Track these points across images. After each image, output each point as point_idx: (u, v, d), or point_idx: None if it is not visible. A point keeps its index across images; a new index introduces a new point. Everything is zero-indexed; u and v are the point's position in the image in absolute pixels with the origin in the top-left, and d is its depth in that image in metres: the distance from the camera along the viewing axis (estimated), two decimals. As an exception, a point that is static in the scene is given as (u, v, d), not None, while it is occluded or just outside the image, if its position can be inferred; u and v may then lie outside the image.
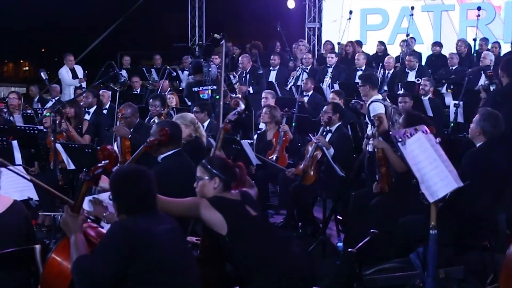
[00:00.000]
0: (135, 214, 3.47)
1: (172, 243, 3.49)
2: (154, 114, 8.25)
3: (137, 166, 3.73)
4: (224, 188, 4.22)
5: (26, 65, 44.14)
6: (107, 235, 3.40)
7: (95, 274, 3.23)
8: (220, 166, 4.26)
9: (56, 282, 3.40)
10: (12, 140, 7.17)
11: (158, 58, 14.64)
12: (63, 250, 3.46)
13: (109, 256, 3.27)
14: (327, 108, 7.44)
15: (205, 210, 4.03)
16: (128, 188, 3.51)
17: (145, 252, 3.32)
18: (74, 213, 3.50)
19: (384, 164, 6.13)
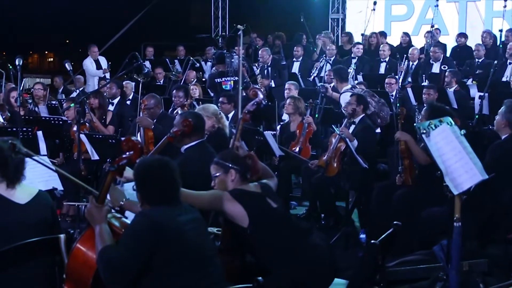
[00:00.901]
0: (158, 204, 3.48)
1: (195, 233, 3.49)
2: (177, 105, 8.27)
3: (161, 157, 3.71)
4: (242, 179, 4.23)
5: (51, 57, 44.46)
6: (132, 226, 3.41)
7: (120, 264, 3.24)
8: (232, 158, 4.29)
9: (81, 272, 3.42)
10: (37, 131, 7.23)
11: (181, 49, 14.66)
12: (88, 240, 3.48)
13: (134, 246, 3.28)
14: (351, 99, 7.41)
15: (226, 202, 4.05)
16: (152, 178, 3.51)
17: (169, 242, 3.32)
18: (98, 204, 3.51)
19: (407, 156, 6.10)
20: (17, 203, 4.01)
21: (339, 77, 8.60)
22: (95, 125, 7.93)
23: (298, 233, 4.20)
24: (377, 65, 11.82)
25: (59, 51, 37.04)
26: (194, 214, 3.62)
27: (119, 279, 3.27)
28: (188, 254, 3.39)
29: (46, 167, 4.51)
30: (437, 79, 10.10)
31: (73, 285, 3.47)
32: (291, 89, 9.23)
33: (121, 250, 3.28)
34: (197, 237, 3.49)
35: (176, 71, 13.21)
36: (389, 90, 9.57)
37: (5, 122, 7.68)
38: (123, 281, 3.28)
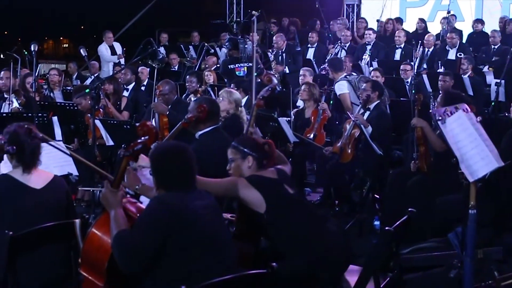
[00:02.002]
0: (174, 189, 3.47)
1: (210, 219, 3.48)
2: (190, 91, 8.29)
3: (178, 142, 3.70)
4: (259, 166, 4.22)
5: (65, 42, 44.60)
6: (147, 210, 3.40)
7: (134, 248, 3.25)
8: (250, 144, 4.27)
9: (96, 256, 3.44)
10: (52, 116, 7.26)
11: (196, 35, 14.64)
12: (103, 224, 3.49)
13: (148, 230, 3.28)
14: (366, 85, 7.38)
15: (243, 189, 4.04)
16: (169, 163, 3.51)
17: (183, 227, 3.32)
18: (114, 188, 3.52)
19: (423, 143, 6.08)
20: (33, 188, 4.04)
21: (333, 68, 8.75)
22: (109, 111, 7.95)
23: (314, 220, 4.20)
24: (393, 52, 11.76)
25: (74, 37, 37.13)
26: (209, 200, 3.61)
27: (134, 263, 3.29)
28: (203, 239, 3.38)
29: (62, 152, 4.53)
30: (453, 66, 10.03)
31: (88, 269, 3.49)
32: (306, 75, 9.21)
33: (136, 234, 3.29)
34: (212, 222, 3.48)
35: (190, 57, 13.20)
36: (404, 77, 9.52)
37: (21, 108, 7.71)
38: (137, 265, 3.29)
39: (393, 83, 9.46)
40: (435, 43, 11.69)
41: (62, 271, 4.10)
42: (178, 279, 3.14)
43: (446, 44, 11.20)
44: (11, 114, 7.34)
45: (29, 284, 3.95)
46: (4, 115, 7.33)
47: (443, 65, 10.59)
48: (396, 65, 10.39)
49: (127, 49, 13.68)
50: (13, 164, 4.09)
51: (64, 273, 4.11)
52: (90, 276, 3.48)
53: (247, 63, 9.88)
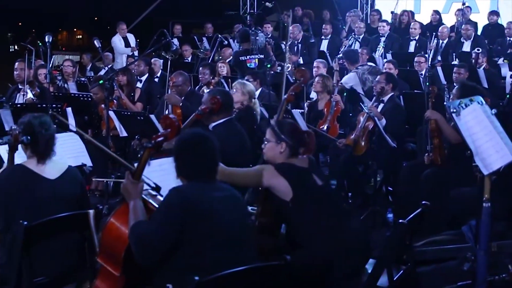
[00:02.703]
0: (195, 179, 3.44)
1: (229, 211, 3.43)
2: (203, 83, 8.29)
3: (202, 131, 3.65)
4: (291, 154, 4.19)
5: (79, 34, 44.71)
6: (164, 201, 3.38)
7: (151, 240, 3.24)
8: (288, 131, 4.22)
9: (114, 246, 3.44)
10: (66, 107, 7.29)
11: (209, 27, 14.63)
12: (122, 215, 3.48)
13: (165, 222, 3.27)
14: (380, 78, 7.35)
15: (270, 177, 4.03)
16: (192, 152, 3.46)
17: (199, 219, 3.29)
18: (134, 180, 3.49)
19: (437, 135, 6.05)
20: (47, 178, 4.06)
21: (349, 60, 8.76)
22: (123, 102, 7.97)
23: (338, 213, 4.18)
24: (407, 43, 11.70)
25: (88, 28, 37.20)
26: (230, 193, 3.56)
27: (149, 255, 3.28)
28: (219, 232, 3.34)
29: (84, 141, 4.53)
30: (468, 58, 9.97)
31: (105, 258, 3.50)
32: (320, 67, 9.19)
33: (152, 226, 3.27)
34: (230, 215, 3.43)
35: (204, 48, 13.20)
36: (418, 69, 9.47)
37: (35, 99, 7.74)
38: (153, 257, 3.28)
39: (407, 75, 9.42)
40: (449, 35, 11.62)
41: (76, 261, 4.14)
42: (191, 271, 3.13)
43: (461, 36, 11.14)
44: (25, 105, 7.38)
45: (43, 273, 3.98)
46: (18, 106, 7.36)
47: (457, 57, 10.53)
48: (410, 57, 10.34)
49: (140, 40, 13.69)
50: (28, 154, 4.11)
51: (78, 263, 4.14)
52: (107, 265, 3.49)
53: (258, 55, 9.85)
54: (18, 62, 8.06)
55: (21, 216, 3.83)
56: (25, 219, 3.77)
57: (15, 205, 3.95)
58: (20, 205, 3.95)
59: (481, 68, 9.13)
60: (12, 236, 3.89)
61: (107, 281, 3.50)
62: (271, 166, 4.12)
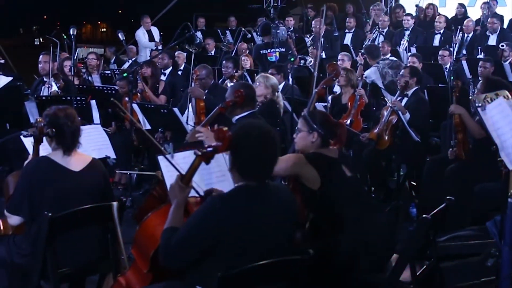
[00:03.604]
0: (249, 178, 3.24)
1: (273, 227, 3.22)
2: (226, 76, 8.29)
3: (267, 126, 3.37)
4: (322, 144, 4.15)
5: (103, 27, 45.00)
6: (200, 211, 3.20)
7: (177, 249, 3.15)
8: (321, 121, 4.17)
9: (146, 243, 3.44)
10: (90, 100, 7.34)
11: (232, 20, 14.63)
12: (162, 215, 3.44)
13: (196, 235, 3.13)
14: (404, 71, 7.31)
15: (300, 165, 4.01)
16: (253, 149, 3.21)
17: (236, 239, 3.12)
18: (183, 184, 3.37)
19: (461, 130, 6.00)
20: (72, 171, 4.09)
21: (370, 55, 8.75)
22: (146, 95, 8.00)
23: (365, 206, 4.16)
24: (431, 37, 11.61)
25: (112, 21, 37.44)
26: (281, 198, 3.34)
27: (173, 262, 3.21)
28: (254, 250, 3.16)
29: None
30: (493, 52, 9.87)
31: (137, 252, 3.52)
32: (344, 60, 9.16)
33: (182, 235, 3.15)
34: (273, 231, 3.23)
35: (227, 41, 13.20)
36: (443, 63, 9.40)
37: (60, 91, 7.81)
38: (176, 265, 3.22)
39: (431, 69, 9.35)
40: (475, 28, 11.51)
41: (99, 253, 4.17)
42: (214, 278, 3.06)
43: (487, 30, 11.02)
44: (50, 98, 7.44)
45: (67, 264, 4.01)
46: (43, 98, 7.42)
47: (483, 51, 10.43)
48: (435, 51, 10.27)
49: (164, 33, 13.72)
50: (53, 146, 4.14)
51: (101, 255, 4.17)
52: (137, 259, 3.51)
53: (279, 48, 9.83)
54: (42, 54, 8.12)
55: (45, 208, 3.87)
56: (50, 211, 3.81)
57: (40, 197, 3.98)
58: (45, 197, 3.98)
59: (507, 62, 9.03)
60: (37, 227, 3.93)
61: (136, 274, 3.53)
62: (301, 154, 4.10)
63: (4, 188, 4.47)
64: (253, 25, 14.29)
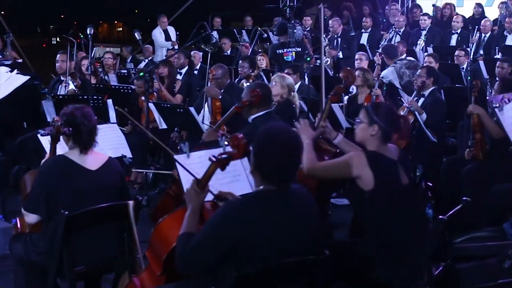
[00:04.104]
0: (271, 181, 3.17)
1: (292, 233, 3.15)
2: (242, 76, 8.29)
3: (291, 130, 3.31)
4: (384, 138, 4.03)
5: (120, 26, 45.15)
6: (217, 218, 3.13)
7: (192, 256, 3.10)
8: (383, 114, 4.05)
9: (160, 245, 3.44)
10: (107, 99, 7.38)
11: (248, 20, 14.64)
12: (177, 218, 3.42)
13: (210, 242, 3.08)
14: (421, 71, 7.28)
15: (361, 166, 3.87)
16: (276, 153, 3.15)
17: (252, 249, 3.06)
18: (199, 189, 3.33)
19: (479, 130, 5.96)
20: (88, 169, 4.11)
21: (388, 55, 8.73)
22: (162, 94, 8.02)
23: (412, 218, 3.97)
24: (448, 37, 11.54)
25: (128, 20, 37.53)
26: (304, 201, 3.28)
27: (190, 269, 3.19)
28: (271, 253, 3.09)
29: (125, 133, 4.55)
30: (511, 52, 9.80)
31: (152, 254, 3.53)
32: (362, 59, 9.16)
33: (199, 241, 3.10)
34: (288, 234, 3.15)
35: (243, 41, 13.21)
36: (459, 63, 9.35)
37: (77, 90, 7.84)
38: (193, 271, 3.21)
39: (448, 69, 9.30)
40: (492, 28, 11.43)
41: (115, 251, 4.18)
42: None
43: (504, 30, 10.94)
44: (67, 97, 7.48)
45: (83, 263, 4.02)
46: (60, 97, 7.46)
47: (500, 51, 10.35)
48: (452, 51, 10.21)
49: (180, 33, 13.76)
50: (69, 145, 4.16)
51: (117, 253, 4.18)
52: (151, 262, 3.52)
53: (296, 48, 9.82)
54: (60, 54, 8.15)
55: (62, 206, 3.88)
56: (66, 209, 3.82)
57: (57, 195, 4.00)
58: (61, 195, 4.00)
59: (525, 62, 8.95)
60: (53, 225, 3.94)
61: (150, 276, 3.54)
62: (361, 154, 3.96)
63: (21, 186, 4.50)
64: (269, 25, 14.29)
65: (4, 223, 5.98)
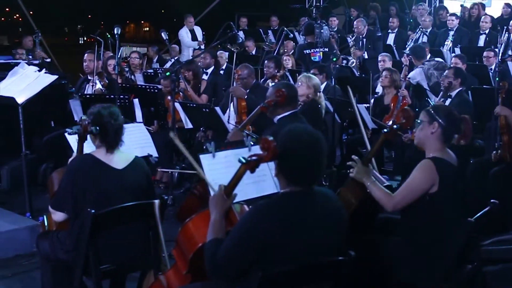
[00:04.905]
0: (296, 183, 3.14)
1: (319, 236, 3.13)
2: (268, 76, 8.29)
3: (315, 132, 3.24)
4: (445, 138, 4.09)
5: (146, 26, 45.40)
6: (245, 222, 3.11)
7: (222, 261, 3.09)
8: (443, 113, 4.11)
9: (186, 245, 3.44)
10: (133, 99, 7.42)
11: (274, 20, 14.64)
12: (203, 219, 3.42)
13: (240, 247, 3.06)
14: (448, 72, 7.22)
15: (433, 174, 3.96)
16: (300, 155, 3.12)
17: (280, 252, 3.04)
18: (225, 194, 3.32)
19: (506, 132, 5.91)
20: (115, 168, 4.13)
21: (416, 56, 8.67)
22: (188, 94, 8.05)
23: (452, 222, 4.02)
24: (476, 37, 11.43)
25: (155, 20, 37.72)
26: (328, 206, 3.23)
27: (221, 275, 3.16)
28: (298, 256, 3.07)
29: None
30: (540, 53, 9.69)
31: (178, 253, 3.53)
32: (385, 60, 9.10)
33: (228, 248, 3.08)
34: (315, 237, 3.12)
35: (269, 41, 13.21)
36: (488, 64, 9.26)
37: (104, 89, 7.90)
38: (223, 277, 3.17)
39: (476, 70, 9.22)
40: (521, 28, 11.30)
41: (140, 250, 4.19)
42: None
43: (533, 30, 10.80)
44: (94, 96, 7.54)
45: (109, 261, 4.05)
46: (87, 96, 7.53)
47: (529, 52, 10.23)
48: (479, 51, 10.11)
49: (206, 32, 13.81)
50: (96, 144, 4.19)
51: (142, 252, 4.20)
52: (178, 260, 3.53)
53: (323, 48, 9.80)
54: (87, 53, 8.22)
55: (89, 205, 3.91)
56: (93, 208, 3.85)
57: (84, 194, 4.02)
58: (88, 194, 4.02)
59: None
60: (80, 223, 3.97)
61: (176, 274, 3.54)
62: (430, 163, 4.02)
63: (48, 184, 4.54)
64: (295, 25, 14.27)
65: (32, 221, 6.04)
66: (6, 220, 5.99)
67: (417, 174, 4.05)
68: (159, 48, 13.33)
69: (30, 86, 6.65)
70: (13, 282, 5.18)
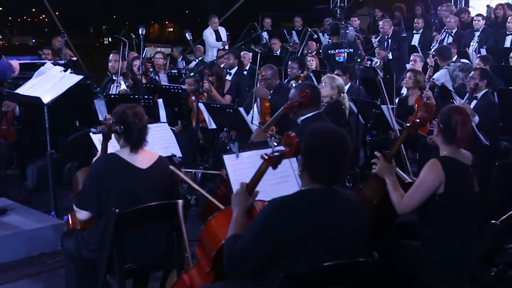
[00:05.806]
0: (319, 180, 3.13)
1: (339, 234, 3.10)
2: (291, 77, 8.28)
3: (340, 130, 3.23)
4: (447, 141, 4.14)
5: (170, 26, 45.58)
6: (262, 218, 3.09)
7: (241, 257, 3.08)
8: (443, 116, 4.19)
9: (209, 243, 3.45)
10: (157, 99, 7.45)
11: (298, 20, 14.62)
12: (225, 217, 3.42)
13: (257, 243, 3.05)
14: (474, 73, 7.16)
15: (440, 173, 3.96)
16: (325, 153, 3.11)
17: (296, 243, 3.02)
18: (248, 192, 3.32)
19: (532, 134, 5.85)
20: (139, 168, 4.15)
21: (441, 56, 8.61)
22: (212, 94, 8.06)
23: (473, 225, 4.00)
24: (502, 38, 11.31)
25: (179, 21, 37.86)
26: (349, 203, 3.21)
27: (238, 271, 3.16)
28: (316, 254, 3.06)
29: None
30: None
31: (202, 251, 3.54)
32: (417, 60, 9.07)
33: (245, 244, 3.08)
34: (335, 235, 3.09)
35: (293, 42, 13.20)
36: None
37: (128, 90, 7.94)
38: (241, 274, 3.17)
39: (502, 71, 9.13)
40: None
41: (164, 249, 4.21)
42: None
43: (561, 30, 10.69)
44: (118, 96, 7.58)
45: (132, 260, 4.07)
46: (112, 96, 7.57)
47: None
48: (506, 52, 10.01)
49: (231, 33, 13.83)
50: (121, 143, 4.21)
51: (166, 251, 4.22)
52: (201, 259, 3.54)
53: (348, 49, 9.78)
54: (112, 54, 8.27)
55: (113, 204, 3.94)
56: (117, 207, 3.88)
57: (108, 193, 4.05)
58: (112, 193, 4.05)
59: None
60: (104, 222, 4.00)
61: (200, 272, 3.55)
62: (435, 161, 4.04)
63: (73, 183, 4.57)
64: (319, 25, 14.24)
65: (56, 220, 6.10)
66: (31, 219, 6.05)
67: (423, 173, 4.07)
68: (183, 48, 13.38)
69: (56, 86, 6.71)
70: (38, 280, 5.24)
